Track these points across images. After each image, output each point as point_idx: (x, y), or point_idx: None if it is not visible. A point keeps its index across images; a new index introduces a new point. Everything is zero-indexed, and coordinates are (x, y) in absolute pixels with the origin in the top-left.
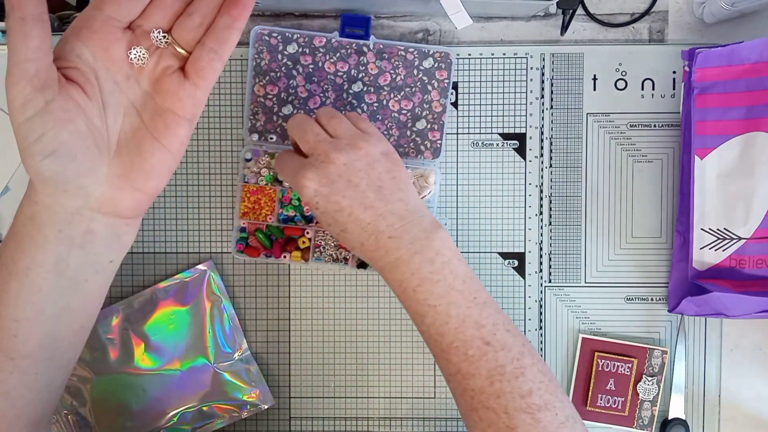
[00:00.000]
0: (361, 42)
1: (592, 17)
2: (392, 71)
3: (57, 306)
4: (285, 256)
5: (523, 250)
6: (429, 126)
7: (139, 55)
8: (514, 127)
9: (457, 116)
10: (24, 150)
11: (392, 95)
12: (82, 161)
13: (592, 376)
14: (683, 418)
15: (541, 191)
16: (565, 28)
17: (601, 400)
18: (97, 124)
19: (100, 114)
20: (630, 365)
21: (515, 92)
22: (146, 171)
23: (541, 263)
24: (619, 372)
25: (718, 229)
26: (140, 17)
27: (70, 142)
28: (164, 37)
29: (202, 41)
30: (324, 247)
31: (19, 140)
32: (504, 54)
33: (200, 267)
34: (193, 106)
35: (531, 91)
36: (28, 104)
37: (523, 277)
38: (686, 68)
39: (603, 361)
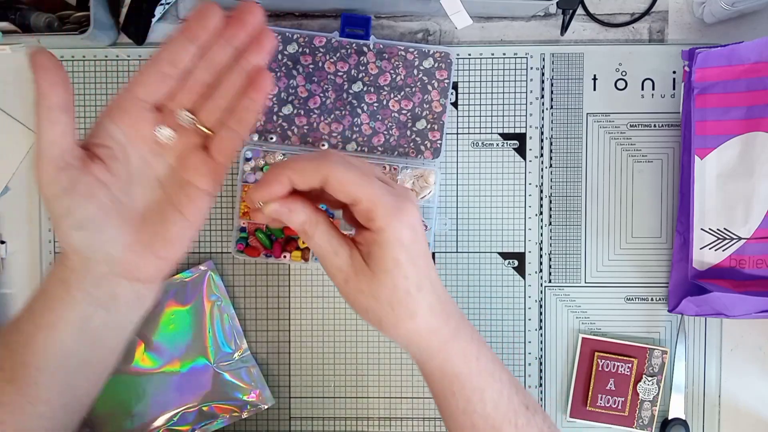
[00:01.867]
0: (361, 42)
1: (592, 17)
2: (392, 71)
3: (78, 359)
4: (285, 256)
5: (523, 250)
6: (429, 126)
7: (166, 134)
8: (514, 127)
9: (457, 116)
10: (55, 223)
11: (392, 95)
12: (107, 232)
13: (592, 376)
14: (683, 418)
15: (541, 191)
16: (565, 28)
17: (601, 400)
18: (121, 198)
19: (125, 188)
20: (630, 365)
21: (515, 92)
22: (168, 240)
23: (541, 263)
24: (619, 372)
25: (718, 229)
26: (168, 99)
27: (96, 215)
28: (190, 117)
29: (224, 121)
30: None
31: (50, 214)
32: (504, 54)
33: (200, 267)
34: (214, 181)
35: (531, 91)
36: (54, 183)
37: (523, 277)
38: (686, 68)
39: (603, 361)
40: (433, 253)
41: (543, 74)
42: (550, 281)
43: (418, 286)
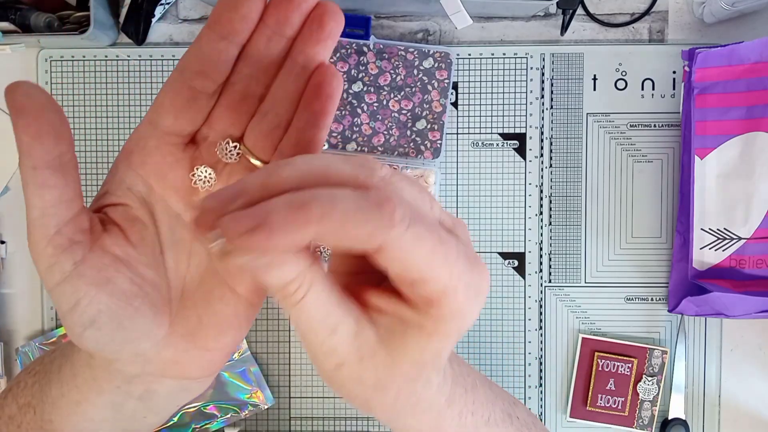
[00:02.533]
0: (361, 42)
1: (592, 17)
2: (392, 71)
3: (111, 430)
4: None
5: (523, 250)
6: (429, 126)
7: (204, 177)
8: (514, 127)
9: (457, 116)
10: (62, 319)
11: (392, 95)
12: (131, 327)
13: (592, 376)
14: (683, 418)
15: (541, 191)
16: (565, 28)
17: (601, 400)
18: (148, 277)
19: (152, 261)
20: (630, 365)
21: (515, 92)
22: (217, 327)
23: (541, 263)
24: (619, 372)
25: (718, 229)
26: (204, 125)
27: (111, 306)
28: (235, 147)
29: (280, 148)
30: (324, 247)
31: (56, 307)
32: (504, 54)
33: None
34: None
35: (531, 91)
36: (54, 268)
37: (523, 277)
38: (686, 68)
39: (603, 361)
40: None
41: (543, 74)
42: (550, 281)
43: (438, 372)
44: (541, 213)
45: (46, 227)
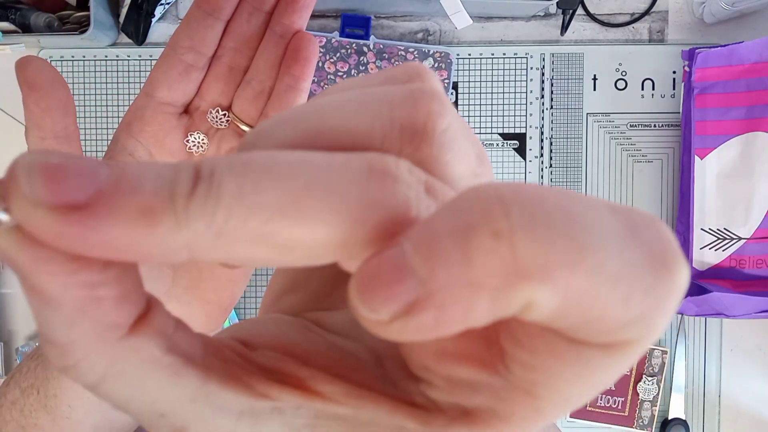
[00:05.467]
0: (361, 42)
1: (592, 17)
2: None
3: None
4: None
5: None
6: None
7: (197, 142)
8: (514, 127)
9: None
10: None
11: None
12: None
13: None
14: (683, 418)
15: None
16: (565, 28)
17: (601, 400)
18: None
19: None
20: None
21: (515, 92)
22: (216, 280)
23: None
24: None
25: (718, 229)
26: (196, 96)
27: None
28: (224, 115)
29: (265, 112)
30: None
31: None
32: (504, 54)
33: None
34: None
35: (531, 91)
36: None
37: None
38: (686, 68)
39: None
40: None
41: (543, 74)
42: None
43: None
44: None
45: None
